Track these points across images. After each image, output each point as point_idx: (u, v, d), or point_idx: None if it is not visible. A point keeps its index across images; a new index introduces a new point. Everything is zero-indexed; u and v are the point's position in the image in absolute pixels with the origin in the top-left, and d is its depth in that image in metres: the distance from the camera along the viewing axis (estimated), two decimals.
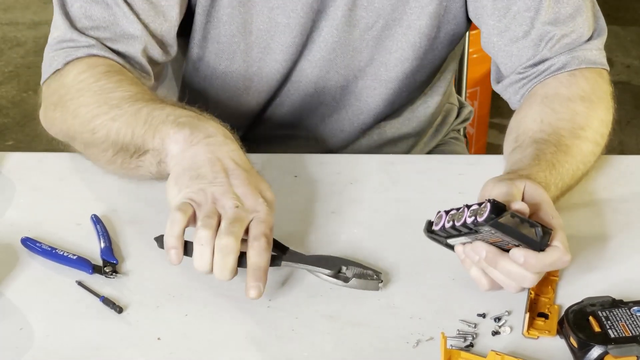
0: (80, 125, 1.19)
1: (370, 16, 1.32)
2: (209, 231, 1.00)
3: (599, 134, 1.23)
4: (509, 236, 0.99)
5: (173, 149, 1.08)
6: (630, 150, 3.03)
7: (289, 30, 1.32)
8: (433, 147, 1.59)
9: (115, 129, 1.14)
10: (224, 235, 0.99)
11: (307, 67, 1.37)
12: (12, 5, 3.92)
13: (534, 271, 1.01)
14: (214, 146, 1.07)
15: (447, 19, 1.35)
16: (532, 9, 1.27)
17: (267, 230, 1.02)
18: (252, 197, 1.03)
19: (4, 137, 3.12)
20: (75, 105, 1.19)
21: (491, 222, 0.97)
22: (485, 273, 1.04)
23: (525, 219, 0.99)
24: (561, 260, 1.00)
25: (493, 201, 0.99)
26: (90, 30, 1.24)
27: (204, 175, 1.04)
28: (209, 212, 1.01)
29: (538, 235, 0.99)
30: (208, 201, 1.02)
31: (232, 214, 1.01)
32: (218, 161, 1.05)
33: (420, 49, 1.36)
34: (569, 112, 1.22)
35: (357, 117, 1.44)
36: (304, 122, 1.45)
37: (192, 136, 1.07)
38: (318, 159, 1.31)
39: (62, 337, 1.00)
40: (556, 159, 1.15)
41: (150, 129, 1.11)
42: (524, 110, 1.26)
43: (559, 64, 1.28)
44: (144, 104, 1.14)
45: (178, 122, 1.09)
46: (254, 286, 1.00)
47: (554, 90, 1.26)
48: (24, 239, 1.12)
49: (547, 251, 1.00)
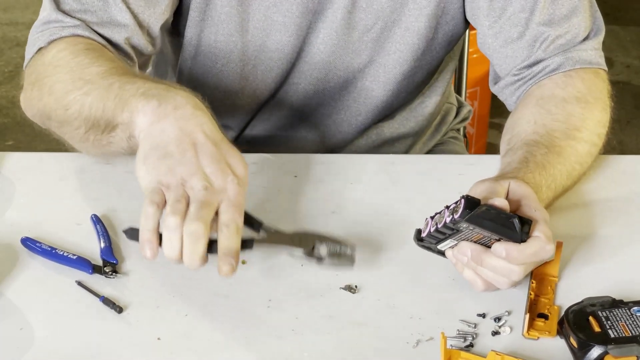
0: (55, 102, 1.17)
1: (369, 18, 1.32)
2: (177, 217, 0.97)
3: (596, 134, 1.23)
4: (487, 230, 0.99)
5: (141, 122, 1.05)
6: (630, 150, 3.03)
7: (285, 29, 1.32)
8: (432, 147, 1.59)
9: (88, 103, 1.12)
10: (192, 221, 0.97)
11: (305, 68, 1.37)
12: (12, 5, 3.92)
13: (518, 263, 1.01)
14: (182, 120, 1.03)
15: (445, 20, 1.35)
16: (527, 10, 1.27)
17: (236, 214, 0.99)
18: (222, 176, 1.01)
19: (4, 137, 3.12)
20: (51, 82, 1.18)
21: (466, 217, 0.98)
22: (477, 273, 1.04)
23: (503, 212, 0.99)
24: (543, 249, 1.00)
25: (466, 196, 0.99)
26: (77, 13, 1.24)
27: (172, 153, 1.01)
28: (177, 196, 0.99)
29: (517, 227, 0.99)
30: (177, 183, 1.00)
31: (200, 196, 0.98)
32: (186, 136, 1.02)
33: (418, 50, 1.36)
34: (564, 114, 1.22)
35: (356, 118, 1.44)
36: (302, 122, 1.45)
37: (160, 108, 1.04)
38: (318, 159, 1.31)
39: (62, 337, 1.00)
40: (547, 160, 1.15)
41: (120, 103, 1.08)
42: (519, 112, 1.26)
43: (554, 65, 1.28)
44: (117, 78, 1.12)
45: (146, 95, 1.06)
46: (226, 262, 0.98)
47: (550, 91, 1.26)
48: (24, 239, 1.12)
49: (528, 242, 1.00)
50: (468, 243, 1.02)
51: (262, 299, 1.05)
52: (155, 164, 1.02)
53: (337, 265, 1.05)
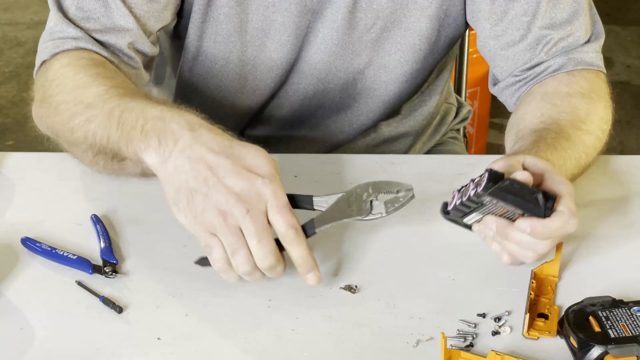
0: (61, 124, 1.17)
1: (369, 18, 1.32)
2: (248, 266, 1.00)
3: (600, 129, 1.23)
4: (511, 205, 0.98)
5: (150, 161, 1.05)
6: (630, 150, 3.03)
7: (284, 29, 1.32)
8: (432, 147, 1.59)
9: (91, 131, 1.12)
10: (262, 259, 1.00)
11: (306, 68, 1.37)
12: (12, 5, 3.92)
13: (543, 238, 1.00)
14: (187, 149, 1.02)
15: (447, 22, 1.36)
16: (530, 13, 1.28)
17: (287, 216, 1.00)
18: (250, 185, 1.00)
19: (4, 137, 3.12)
20: (56, 102, 1.18)
21: (490, 191, 0.97)
22: (503, 247, 1.03)
23: (527, 186, 0.98)
24: (567, 223, 0.99)
25: (490, 170, 0.98)
26: (80, 22, 1.24)
27: (196, 187, 1.01)
28: (231, 240, 1.00)
29: (540, 202, 0.98)
30: (220, 222, 1.00)
31: (250, 226, 0.99)
32: (198, 163, 1.02)
33: (420, 51, 1.36)
34: (569, 107, 1.23)
35: (357, 119, 1.44)
36: (303, 123, 1.45)
37: (162, 147, 1.04)
38: (318, 159, 1.31)
39: (62, 337, 1.00)
40: (557, 142, 1.15)
41: (123, 136, 1.08)
42: (523, 108, 1.26)
43: (556, 65, 1.28)
44: (116, 103, 1.11)
45: (145, 131, 1.05)
46: (309, 277, 1.02)
47: (554, 88, 1.26)
48: (24, 238, 1.12)
49: (552, 217, 0.99)
50: (493, 217, 1.01)
51: (262, 299, 1.05)
52: (188, 207, 1.02)
53: (400, 208, 1.04)
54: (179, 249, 1.12)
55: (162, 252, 1.12)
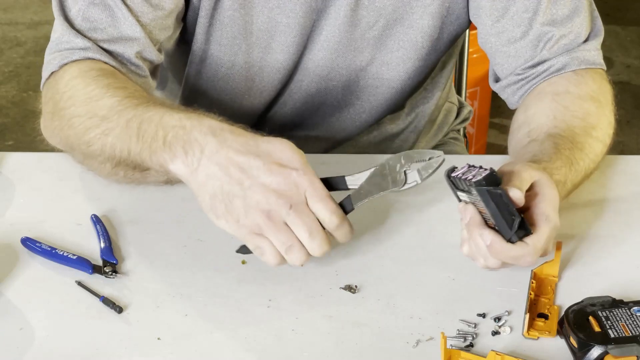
0: (76, 137, 1.17)
1: (372, 15, 1.33)
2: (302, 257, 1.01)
3: (607, 135, 1.24)
4: (489, 211, 0.99)
5: (178, 171, 1.05)
6: (630, 150, 3.03)
7: (289, 30, 1.32)
8: (433, 147, 1.59)
9: (109, 144, 1.12)
10: (317, 250, 1.01)
11: (309, 66, 1.37)
12: (12, 5, 3.92)
13: (497, 258, 1.01)
14: (214, 155, 1.02)
15: (450, 20, 1.36)
16: (531, 10, 1.28)
17: (327, 203, 1.01)
18: (285, 180, 1.00)
19: (4, 137, 3.12)
20: (69, 115, 1.18)
21: (477, 187, 0.98)
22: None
23: (512, 206, 0.99)
24: (524, 258, 1.01)
25: (492, 171, 1.00)
26: (87, 32, 1.24)
27: (233, 192, 1.01)
28: (282, 238, 1.00)
29: (514, 226, 0.99)
30: (266, 222, 1.00)
31: (297, 221, 1.00)
32: (229, 167, 1.02)
33: (423, 49, 1.36)
34: (581, 111, 1.23)
35: (360, 116, 1.44)
36: (306, 121, 1.45)
37: (189, 157, 1.03)
38: (319, 159, 1.31)
39: (62, 337, 1.00)
40: (573, 155, 1.15)
41: (145, 148, 1.07)
42: (534, 107, 1.26)
43: (559, 64, 1.28)
44: (132, 114, 1.10)
45: (168, 143, 1.05)
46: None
47: (564, 88, 1.26)
48: (24, 239, 1.12)
49: (516, 244, 1.00)
50: (473, 209, 1.02)
51: (262, 299, 1.05)
52: (228, 212, 1.02)
53: (433, 173, 1.05)
54: (179, 249, 1.12)
55: (162, 252, 1.12)
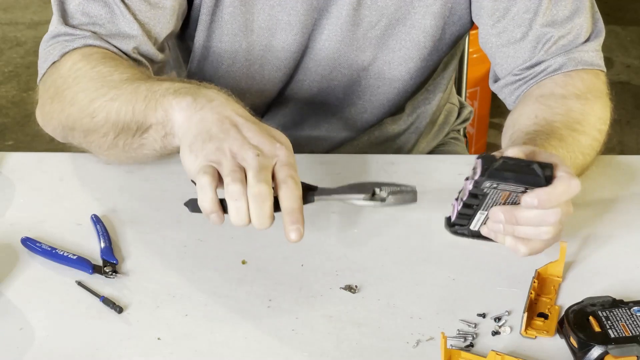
0: (79, 111, 1.17)
1: (374, 15, 1.33)
2: (239, 184, 0.98)
3: (597, 129, 1.23)
4: (511, 183, 0.97)
5: (178, 117, 1.07)
6: (630, 150, 3.03)
7: (290, 28, 1.32)
8: (434, 147, 1.59)
9: (115, 109, 1.13)
10: (254, 184, 0.98)
11: (311, 65, 1.37)
12: (12, 5, 3.92)
13: (552, 206, 0.99)
14: (219, 107, 1.05)
15: (452, 20, 1.36)
16: (531, 10, 1.28)
17: (292, 171, 1.01)
18: (269, 144, 1.02)
19: (4, 137, 3.12)
20: (72, 93, 1.18)
21: (487, 174, 0.96)
22: (518, 237, 1.02)
23: (521, 160, 0.98)
24: (570, 186, 0.99)
25: (481, 155, 0.98)
26: (86, 26, 1.24)
27: (216, 134, 1.02)
28: (232, 167, 0.99)
29: (538, 171, 0.97)
30: (228, 157, 1.00)
31: (255, 163, 0.99)
32: (226, 119, 1.04)
33: (425, 49, 1.36)
34: (564, 108, 1.23)
35: (361, 116, 1.44)
36: (307, 120, 1.45)
37: (195, 102, 1.06)
38: (319, 159, 1.31)
39: (62, 337, 1.00)
40: (548, 143, 1.14)
41: (151, 103, 1.10)
42: (519, 110, 1.26)
43: (556, 65, 1.28)
44: (142, 82, 1.13)
45: (179, 92, 1.08)
46: (293, 229, 0.98)
47: (549, 89, 1.26)
48: (24, 238, 1.12)
49: (554, 183, 0.98)
50: (498, 207, 1.00)
51: (262, 299, 1.05)
52: (202, 146, 1.02)
53: (400, 203, 1.03)
54: (179, 249, 1.12)
55: (162, 252, 1.12)
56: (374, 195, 1.03)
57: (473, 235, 1.05)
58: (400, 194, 1.03)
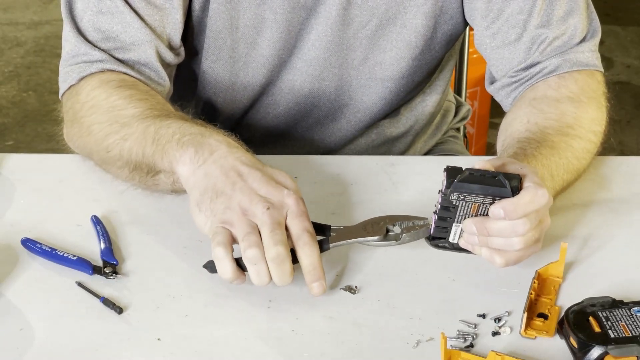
0: (95, 143, 1.20)
1: (364, 14, 1.33)
2: (256, 249, 1.00)
3: (591, 131, 1.23)
4: (478, 194, 0.99)
5: (182, 171, 1.08)
6: (630, 150, 3.03)
7: (276, 26, 1.32)
8: (432, 146, 1.59)
9: (127, 148, 1.15)
10: (271, 247, 1.00)
11: (300, 65, 1.37)
12: (12, 5, 3.92)
13: (519, 216, 0.99)
14: (221, 159, 1.06)
15: (444, 19, 1.36)
16: (525, 11, 1.28)
17: (305, 222, 1.02)
18: (277, 193, 1.03)
19: (4, 137, 3.12)
20: (88, 123, 1.21)
21: (453, 186, 0.98)
22: (492, 249, 1.03)
23: (487, 171, 0.99)
24: (537, 195, 0.99)
25: (447, 167, 1.00)
26: (100, 42, 1.26)
27: (222, 189, 1.03)
28: (246, 229, 1.01)
29: (504, 182, 0.99)
30: (239, 216, 1.01)
31: (266, 219, 1.00)
32: (230, 170, 1.05)
33: (416, 48, 1.36)
34: (557, 112, 1.23)
35: (354, 116, 1.44)
36: (300, 122, 1.45)
37: (197, 156, 1.07)
38: (318, 160, 1.31)
39: (62, 338, 1.00)
40: (538, 151, 1.15)
41: (158, 150, 1.11)
42: (512, 113, 1.27)
43: (551, 66, 1.28)
44: (152, 121, 1.14)
45: (182, 143, 1.09)
46: (316, 285, 1.02)
47: (542, 92, 1.26)
48: (24, 239, 1.12)
49: (520, 193, 0.99)
50: (470, 219, 1.01)
51: (262, 299, 1.05)
52: (211, 206, 1.04)
53: (414, 239, 1.05)
54: (179, 249, 1.12)
55: (162, 252, 1.12)
56: (388, 233, 1.05)
57: (454, 248, 1.06)
58: (413, 229, 1.05)
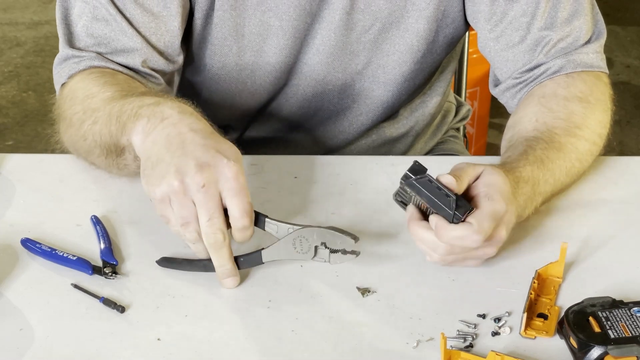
0: (75, 134, 1.21)
1: (367, 19, 1.32)
2: (191, 231, 1.02)
3: (597, 134, 1.23)
4: (425, 200, 1.01)
5: (135, 141, 1.09)
6: (630, 150, 3.03)
7: (282, 33, 1.32)
8: (432, 147, 1.59)
9: (97, 131, 1.16)
10: (210, 234, 1.02)
11: (304, 70, 1.37)
12: (12, 5, 3.92)
13: (443, 240, 1.02)
14: (169, 127, 1.06)
15: (446, 22, 1.36)
16: (529, 14, 1.28)
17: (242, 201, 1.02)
18: (214, 161, 1.02)
19: (4, 137, 3.12)
20: (69, 115, 1.22)
21: (406, 181, 1.02)
22: None
23: (444, 188, 1.01)
24: (470, 237, 1.01)
25: (415, 161, 1.02)
26: (91, 47, 1.27)
27: (162, 158, 1.04)
28: (181, 212, 1.02)
29: (451, 206, 1.01)
30: (176, 188, 1.02)
31: (202, 198, 1.01)
32: (175, 138, 1.05)
33: (418, 52, 1.36)
34: (565, 112, 1.23)
35: (357, 119, 1.44)
36: (303, 124, 1.45)
37: (149, 124, 1.08)
38: (318, 160, 1.31)
39: (62, 338, 1.00)
40: (546, 154, 1.15)
41: (120, 126, 1.12)
42: (521, 111, 1.26)
43: (555, 67, 1.28)
44: (117, 102, 1.15)
45: (138, 115, 1.10)
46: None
47: (552, 90, 1.26)
48: (24, 239, 1.12)
49: (458, 225, 1.01)
50: (412, 207, 1.05)
51: (262, 299, 1.05)
52: (151, 174, 1.05)
53: (343, 261, 1.06)
54: (179, 249, 1.12)
55: (162, 252, 1.12)
56: (315, 256, 1.06)
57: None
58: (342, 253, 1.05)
